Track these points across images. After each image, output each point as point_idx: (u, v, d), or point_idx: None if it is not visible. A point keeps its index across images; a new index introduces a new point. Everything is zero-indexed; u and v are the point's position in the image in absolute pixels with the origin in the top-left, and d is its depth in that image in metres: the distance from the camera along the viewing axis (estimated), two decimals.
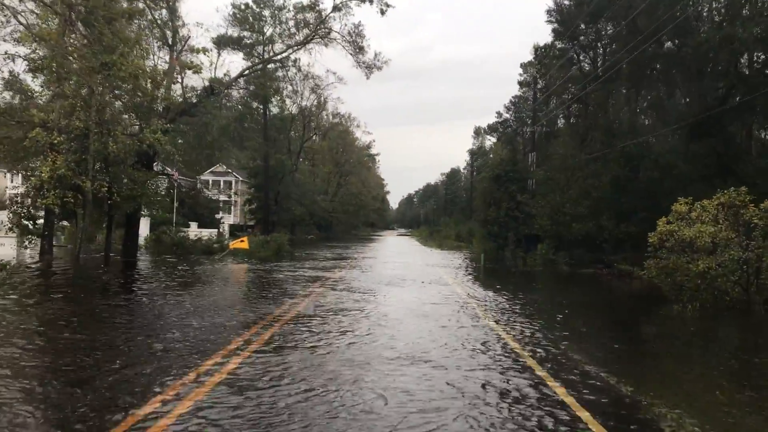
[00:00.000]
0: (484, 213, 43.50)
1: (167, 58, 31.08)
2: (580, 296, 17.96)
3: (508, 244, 41.79)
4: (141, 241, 37.67)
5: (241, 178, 74.62)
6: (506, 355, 8.61)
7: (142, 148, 27.30)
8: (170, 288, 15.74)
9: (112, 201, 26.13)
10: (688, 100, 31.26)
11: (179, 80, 32.26)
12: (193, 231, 46.72)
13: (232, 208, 75.80)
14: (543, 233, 32.12)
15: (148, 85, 21.68)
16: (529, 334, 10.29)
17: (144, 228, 46.34)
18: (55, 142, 21.44)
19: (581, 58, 48.59)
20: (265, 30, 49.97)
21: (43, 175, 22.24)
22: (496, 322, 11.41)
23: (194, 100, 31.55)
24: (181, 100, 31.50)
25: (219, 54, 32.46)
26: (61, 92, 22.55)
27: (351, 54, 31.96)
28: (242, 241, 28.74)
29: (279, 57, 34.39)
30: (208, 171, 78.34)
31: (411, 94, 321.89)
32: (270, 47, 53.61)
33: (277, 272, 21.16)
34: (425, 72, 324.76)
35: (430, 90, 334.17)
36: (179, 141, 32.48)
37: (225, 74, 32.81)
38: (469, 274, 23.89)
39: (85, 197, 25.33)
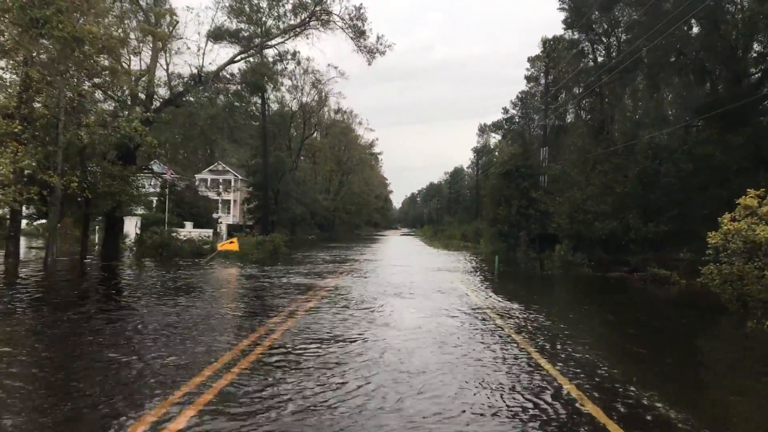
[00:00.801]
0: (494, 211, 40.41)
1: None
2: (625, 309, 14.81)
3: (520, 244, 38.69)
4: (130, 242, 34.81)
5: (240, 177, 71.68)
6: (581, 422, 5.55)
7: (120, 140, 24.39)
8: (125, 301, 12.73)
9: (85, 198, 23.23)
10: (719, 87, 28.15)
11: (165, 66, 29.32)
12: (187, 231, 43.98)
13: (232, 207, 72.87)
14: (561, 233, 29.01)
15: (101, 52, 18.47)
16: (598, 375, 7.21)
17: (134, 228, 43.51)
18: (16, 130, 18.53)
19: (595, 47, 45.49)
20: (263, 20, 47.17)
21: (1, 168, 19.24)
22: (548, 357, 8.33)
23: (180, 89, 28.58)
24: (165, 88, 28.59)
25: (207, 41, 29.36)
26: (25, 75, 19.68)
27: (351, 38, 29.04)
28: (231, 242, 25.70)
29: (275, 43, 31.34)
30: (207, 169, 75.46)
31: (411, 94, 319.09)
32: (267, 39, 50.73)
33: (265, 278, 18.12)
34: (425, 72, 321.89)
35: (431, 90, 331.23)
36: (169, 135, 29.58)
37: (221, 70, 29.75)
38: (485, 279, 20.81)
39: (53, 194, 22.45)
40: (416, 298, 14.19)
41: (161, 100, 28.22)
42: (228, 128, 27.69)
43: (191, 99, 27.73)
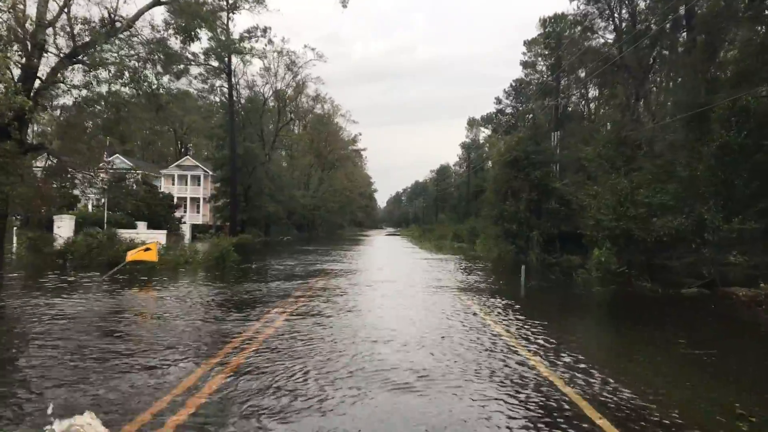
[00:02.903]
0: (499, 207, 32.47)
1: None
2: None
3: (532, 246, 30.84)
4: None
5: (210, 173, 63.08)
6: None
7: None
8: None
9: None
10: None
11: (66, 10, 20.86)
12: (137, 233, 35.57)
13: (201, 206, 64.23)
14: (600, 233, 21.00)
15: None
16: None
17: (66, 230, 35.01)
18: None
19: (613, 17, 37.81)
20: None
21: None
22: None
23: (87, 38, 20.14)
24: (67, 39, 20.18)
25: None
26: None
27: None
28: (147, 249, 17.42)
29: None
30: (174, 164, 66.75)
31: (395, 94, 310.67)
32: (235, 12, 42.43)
33: (162, 317, 9.94)
34: (409, 72, 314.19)
35: (416, 90, 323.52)
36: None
37: (142, 14, 21.21)
38: (521, 307, 12.73)
39: None
40: (430, 389, 6.10)
41: (60, 55, 19.83)
42: (151, 93, 19.24)
43: (102, 53, 19.31)
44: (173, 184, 63.71)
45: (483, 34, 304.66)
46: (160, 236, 34.80)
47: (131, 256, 17.07)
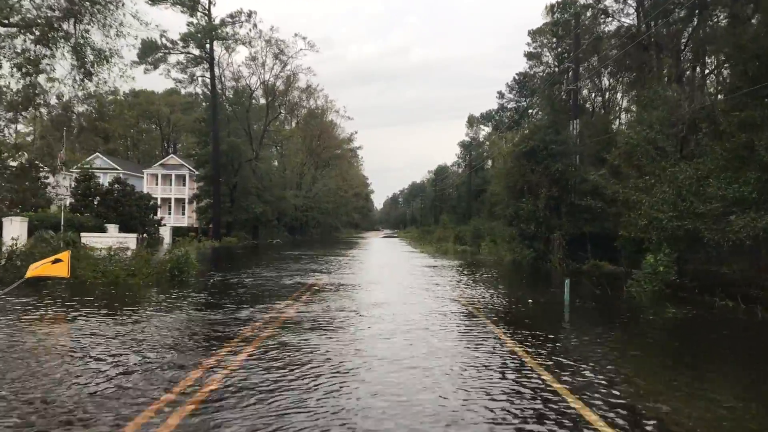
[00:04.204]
0: (513, 206, 27.85)
1: None
2: None
3: (552, 249, 26.27)
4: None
5: (197, 172, 58.33)
6: None
7: None
8: None
9: None
10: None
11: None
12: (104, 237, 31.22)
13: (186, 207, 59.44)
14: (655, 234, 16.35)
15: None
16: None
17: (17, 232, 30.19)
18: None
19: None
20: None
21: None
22: None
23: None
24: None
25: None
26: None
27: None
28: (57, 261, 12.64)
29: None
30: (158, 163, 62.00)
31: (390, 95, 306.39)
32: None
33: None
34: (404, 73, 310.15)
35: (411, 91, 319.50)
36: None
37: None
38: (594, 358, 8.10)
39: None
40: None
41: None
42: (77, 53, 14.60)
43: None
44: (156, 184, 59.03)
45: (477, 35, 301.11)
46: (129, 240, 30.24)
47: (34, 270, 12.34)
